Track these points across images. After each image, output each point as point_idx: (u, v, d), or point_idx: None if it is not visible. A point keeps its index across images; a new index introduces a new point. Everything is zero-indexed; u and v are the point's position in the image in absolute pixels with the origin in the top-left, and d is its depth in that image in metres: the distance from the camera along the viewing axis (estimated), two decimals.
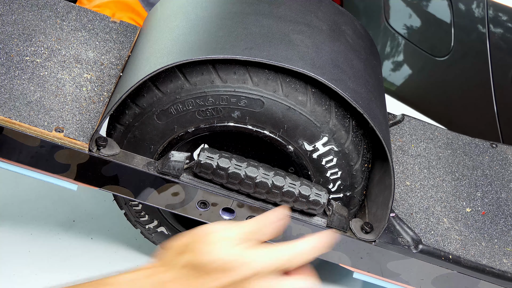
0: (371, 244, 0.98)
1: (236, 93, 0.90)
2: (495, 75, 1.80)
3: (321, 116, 0.91)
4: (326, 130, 0.92)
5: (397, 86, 2.13)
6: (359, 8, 2.21)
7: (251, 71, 0.90)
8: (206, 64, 0.90)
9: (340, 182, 0.96)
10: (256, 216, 0.78)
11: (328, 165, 0.95)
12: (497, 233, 1.07)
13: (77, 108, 0.96)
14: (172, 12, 1.02)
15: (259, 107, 0.91)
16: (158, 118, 0.92)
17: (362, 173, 0.97)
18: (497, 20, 1.76)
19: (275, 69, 0.91)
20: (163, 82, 0.91)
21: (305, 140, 0.93)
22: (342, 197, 0.98)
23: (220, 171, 0.92)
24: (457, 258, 1.00)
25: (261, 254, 0.72)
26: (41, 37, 1.04)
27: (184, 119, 0.92)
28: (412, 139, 1.19)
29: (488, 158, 1.22)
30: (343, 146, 0.93)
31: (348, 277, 1.16)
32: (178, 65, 0.90)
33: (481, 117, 1.90)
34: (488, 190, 1.15)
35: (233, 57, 0.87)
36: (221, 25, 0.94)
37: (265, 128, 0.92)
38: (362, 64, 1.00)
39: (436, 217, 1.05)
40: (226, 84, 0.89)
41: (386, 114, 1.02)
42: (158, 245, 1.14)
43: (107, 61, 1.05)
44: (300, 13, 1.00)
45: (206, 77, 0.90)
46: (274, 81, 0.90)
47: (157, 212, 1.06)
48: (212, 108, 0.91)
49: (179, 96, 0.90)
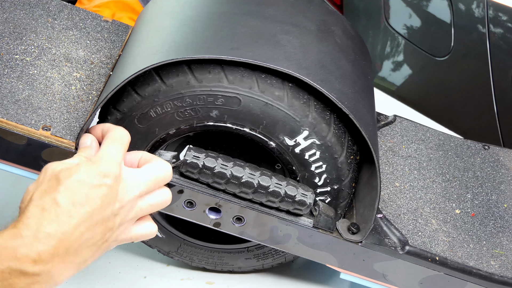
0: (358, 245, 0.98)
1: (213, 92, 0.90)
2: (495, 75, 1.80)
3: (300, 110, 0.91)
4: (306, 124, 0.92)
5: (397, 86, 2.12)
6: (359, 8, 2.21)
7: (226, 70, 0.90)
8: (181, 65, 0.90)
9: (326, 175, 0.96)
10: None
11: (312, 159, 0.95)
12: (485, 235, 1.07)
13: (65, 107, 0.96)
14: (161, 12, 1.02)
15: (236, 105, 0.91)
16: (139, 122, 0.93)
17: (348, 166, 0.97)
18: (497, 20, 1.76)
19: (252, 67, 0.91)
20: (141, 85, 0.91)
21: (285, 135, 0.93)
22: (330, 190, 0.98)
23: (206, 170, 0.92)
24: (444, 260, 1.00)
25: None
26: (31, 36, 1.05)
27: (164, 121, 0.93)
28: (403, 140, 1.19)
29: (480, 159, 1.22)
30: (325, 139, 0.93)
31: (335, 277, 1.17)
32: (155, 68, 0.90)
33: (481, 117, 1.89)
34: (478, 192, 1.15)
35: (209, 57, 0.87)
36: (209, 25, 0.94)
37: (244, 126, 0.92)
38: (350, 65, 0.99)
39: (424, 219, 1.05)
40: (202, 84, 0.90)
41: (374, 114, 1.02)
42: (155, 249, 1.15)
43: (97, 60, 1.06)
44: (289, 14, 1.00)
45: (182, 78, 0.90)
46: (249, 78, 0.90)
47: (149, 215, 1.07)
48: (190, 108, 0.91)
49: (157, 99, 0.91)
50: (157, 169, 0.82)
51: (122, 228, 0.78)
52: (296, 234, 0.98)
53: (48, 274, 0.71)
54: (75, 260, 0.73)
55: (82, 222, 0.72)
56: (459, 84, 1.93)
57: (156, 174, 0.81)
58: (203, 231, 1.11)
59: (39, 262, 0.70)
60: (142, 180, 0.80)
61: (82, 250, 0.73)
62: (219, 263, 1.15)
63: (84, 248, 0.73)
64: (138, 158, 0.84)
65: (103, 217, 0.74)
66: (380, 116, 1.23)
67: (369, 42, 2.15)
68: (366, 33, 2.16)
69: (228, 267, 1.15)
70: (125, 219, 0.78)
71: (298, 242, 0.99)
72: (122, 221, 0.77)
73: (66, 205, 0.71)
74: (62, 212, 0.71)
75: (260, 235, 0.99)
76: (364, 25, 2.18)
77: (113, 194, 0.75)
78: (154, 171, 0.81)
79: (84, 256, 0.74)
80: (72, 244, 0.72)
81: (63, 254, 0.71)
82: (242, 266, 1.14)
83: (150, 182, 0.80)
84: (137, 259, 1.20)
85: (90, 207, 0.72)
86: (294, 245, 0.99)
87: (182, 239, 1.12)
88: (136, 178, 0.79)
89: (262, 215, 0.96)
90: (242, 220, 0.97)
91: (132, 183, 0.78)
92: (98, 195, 0.73)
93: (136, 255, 1.20)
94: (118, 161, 0.78)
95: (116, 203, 0.75)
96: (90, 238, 0.73)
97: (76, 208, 0.72)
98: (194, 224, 1.01)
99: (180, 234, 1.11)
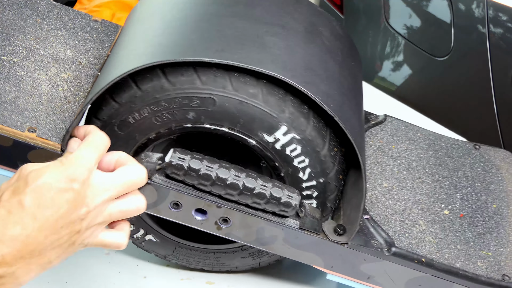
0: (344, 246, 0.98)
1: (187, 94, 0.90)
2: (495, 75, 1.80)
3: (276, 106, 0.91)
4: (283, 119, 0.91)
5: (397, 86, 2.12)
6: (359, 8, 2.21)
7: (199, 71, 0.90)
8: (155, 70, 0.90)
9: (310, 169, 0.96)
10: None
11: (293, 154, 0.94)
12: (473, 236, 1.07)
13: (52, 108, 0.96)
14: (149, 12, 1.02)
15: (212, 105, 0.91)
16: (119, 129, 0.94)
17: (333, 158, 0.96)
18: (497, 20, 1.76)
19: (226, 67, 0.90)
20: (119, 93, 0.92)
21: (264, 132, 0.92)
22: (316, 184, 0.97)
23: (191, 172, 0.92)
24: (430, 261, 1.00)
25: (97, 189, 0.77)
26: (20, 36, 1.05)
27: (143, 126, 0.93)
28: (393, 140, 1.19)
29: (470, 159, 1.22)
30: (304, 133, 0.93)
31: (322, 278, 1.17)
32: (131, 74, 0.90)
33: (481, 117, 1.89)
34: (468, 192, 1.15)
35: (180, 60, 0.87)
36: (196, 27, 0.94)
37: (222, 125, 0.92)
38: (338, 66, 0.99)
39: (412, 220, 1.05)
40: (176, 87, 0.90)
41: (361, 115, 1.02)
42: (152, 253, 1.16)
43: (85, 60, 1.06)
44: (277, 15, 1.00)
45: (156, 82, 0.90)
46: (222, 78, 0.90)
47: (141, 220, 1.08)
48: (167, 112, 0.92)
49: (134, 105, 0.91)
50: (130, 173, 0.82)
51: (89, 232, 0.78)
52: (282, 235, 0.98)
53: (13, 276, 0.72)
54: (39, 261, 0.73)
55: (47, 225, 0.72)
56: (459, 84, 1.93)
57: (128, 178, 0.81)
58: (196, 233, 1.11)
59: (3, 265, 0.70)
60: (113, 184, 0.79)
61: (47, 252, 0.74)
62: (216, 263, 1.15)
63: (49, 250, 0.74)
64: (115, 160, 0.84)
65: (69, 221, 0.74)
66: (370, 116, 1.22)
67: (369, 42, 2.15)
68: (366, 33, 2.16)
69: (225, 267, 1.16)
70: (92, 223, 0.78)
71: (285, 244, 0.99)
72: (89, 225, 0.77)
73: (31, 208, 0.72)
74: (27, 214, 0.71)
75: (247, 236, 0.99)
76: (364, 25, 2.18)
77: (79, 198, 0.75)
78: (126, 175, 0.81)
79: (49, 257, 0.74)
80: (36, 246, 0.72)
81: (27, 256, 0.72)
82: (239, 265, 1.15)
83: (120, 187, 0.80)
84: (137, 259, 1.20)
85: (55, 211, 0.73)
86: (280, 246, 0.99)
87: (176, 242, 1.12)
88: (106, 182, 0.79)
89: (248, 216, 0.96)
90: (228, 222, 0.98)
91: (102, 187, 0.78)
92: (64, 199, 0.73)
93: (136, 255, 1.21)
94: (88, 165, 0.77)
95: (83, 208, 0.75)
96: (55, 241, 0.74)
97: (41, 211, 0.72)
98: (187, 226, 1.01)
99: (174, 237, 1.12)
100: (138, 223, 1.09)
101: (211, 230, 0.99)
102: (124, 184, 0.81)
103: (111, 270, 1.17)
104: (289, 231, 0.97)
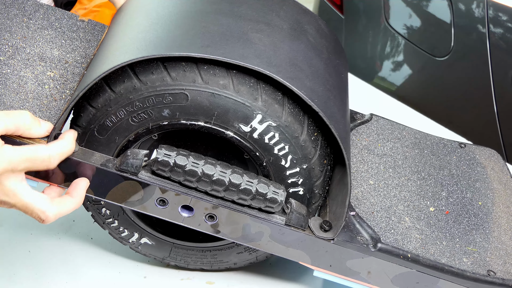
0: (330, 242, 0.99)
1: (159, 92, 0.91)
2: (495, 75, 1.81)
3: (248, 95, 0.91)
4: (257, 107, 0.91)
5: (397, 86, 2.13)
6: (359, 8, 2.21)
7: (168, 67, 0.90)
8: (126, 71, 0.91)
9: (291, 156, 0.95)
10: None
11: (272, 142, 0.94)
12: (459, 232, 1.08)
13: (38, 106, 0.97)
14: (134, 11, 1.03)
15: (185, 100, 0.91)
16: (99, 133, 0.94)
17: (313, 143, 0.96)
18: (497, 20, 1.77)
19: (194, 60, 0.90)
20: (94, 97, 0.93)
21: (240, 122, 0.92)
22: (300, 170, 0.97)
23: (177, 168, 0.93)
24: (416, 257, 1.00)
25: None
26: (6, 35, 1.05)
27: (121, 128, 0.94)
28: (379, 139, 1.20)
29: (456, 158, 1.23)
30: (280, 119, 0.93)
31: (309, 275, 1.17)
32: (104, 77, 0.91)
33: (481, 117, 1.90)
34: (453, 190, 1.15)
35: (148, 56, 0.88)
36: (180, 24, 0.95)
37: (198, 120, 0.93)
38: (323, 63, 1.00)
39: (397, 216, 1.06)
40: (147, 86, 0.90)
41: (346, 113, 1.02)
42: (150, 257, 1.16)
43: (72, 59, 1.06)
44: (261, 12, 1.00)
45: (128, 83, 0.91)
46: (192, 72, 0.90)
47: (134, 224, 1.09)
48: (142, 112, 0.92)
49: (110, 108, 0.92)
50: (36, 151, 0.84)
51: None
52: (268, 232, 0.98)
53: None
54: None
55: None
56: (459, 84, 1.94)
57: (30, 155, 0.84)
58: (190, 232, 1.11)
59: None
60: (11, 158, 0.82)
61: None
62: (214, 262, 1.15)
63: None
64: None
65: None
66: (356, 115, 1.23)
67: (369, 42, 2.16)
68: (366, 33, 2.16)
69: (224, 265, 1.16)
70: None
71: (271, 240, 0.99)
72: None
73: None
74: None
75: (233, 233, 0.99)
76: (364, 25, 2.19)
77: None
78: (31, 152, 0.84)
79: None
80: None
81: None
82: (237, 261, 1.15)
83: (17, 162, 0.83)
84: (137, 259, 1.20)
85: None
86: (267, 243, 1.00)
87: (171, 243, 1.13)
88: (6, 154, 0.82)
89: (234, 213, 0.96)
90: (214, 218, 0.98)
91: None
92: None
93: (136, 255, 1.21)
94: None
95: None
96: None
97: None
98: (180, 226, 1.02)
99: (169, 238, 1.12)
100: (131, 227, 1.09)
101: (197, 227, 1.00)
102: (25, 160, 0.84)
103: (111, 270, 1.17)
104: (275, 227, 0.98)
